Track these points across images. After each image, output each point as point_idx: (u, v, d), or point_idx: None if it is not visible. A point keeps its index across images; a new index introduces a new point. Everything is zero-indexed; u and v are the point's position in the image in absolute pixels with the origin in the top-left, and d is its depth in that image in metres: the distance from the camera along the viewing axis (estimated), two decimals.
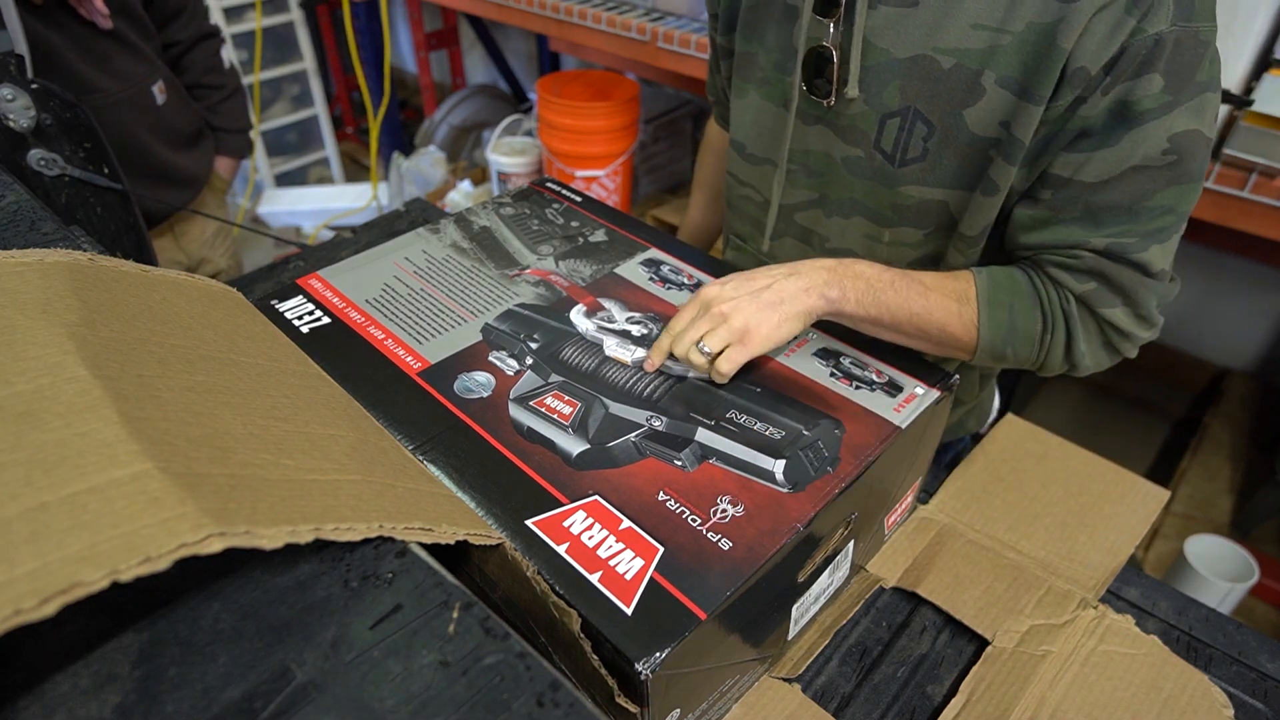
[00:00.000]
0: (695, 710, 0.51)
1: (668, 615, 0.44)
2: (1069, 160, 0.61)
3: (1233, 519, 1.69)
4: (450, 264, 0.75)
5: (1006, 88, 0.60)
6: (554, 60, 2.83)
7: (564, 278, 0.73)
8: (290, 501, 0.33)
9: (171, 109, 1.22)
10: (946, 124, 0.63)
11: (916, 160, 0.66)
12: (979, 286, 0.65)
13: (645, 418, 0.58)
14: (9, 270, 0.41)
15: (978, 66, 0.61)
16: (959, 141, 0.64)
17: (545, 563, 0.47)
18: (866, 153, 0.69)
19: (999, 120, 0.61)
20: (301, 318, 0.67)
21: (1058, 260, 0.65)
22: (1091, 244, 0.62)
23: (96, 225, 1.03)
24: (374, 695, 0.29)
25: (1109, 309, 0.64)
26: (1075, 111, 0.58)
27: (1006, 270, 0.67)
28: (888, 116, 0.66)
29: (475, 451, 0.55)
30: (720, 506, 0.51)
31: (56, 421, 0.31)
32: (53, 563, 0.25)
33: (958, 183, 0.66)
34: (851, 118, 0.68)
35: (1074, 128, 0.59)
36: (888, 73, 0.65)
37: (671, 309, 0.69)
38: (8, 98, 0.92)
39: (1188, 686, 0.60)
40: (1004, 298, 0.65)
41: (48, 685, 0.29)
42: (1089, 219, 0.62)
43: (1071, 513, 0.73)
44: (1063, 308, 0.65)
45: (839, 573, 0.62)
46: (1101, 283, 0.64)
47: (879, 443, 0.56)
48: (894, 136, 0.66)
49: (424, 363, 0.62)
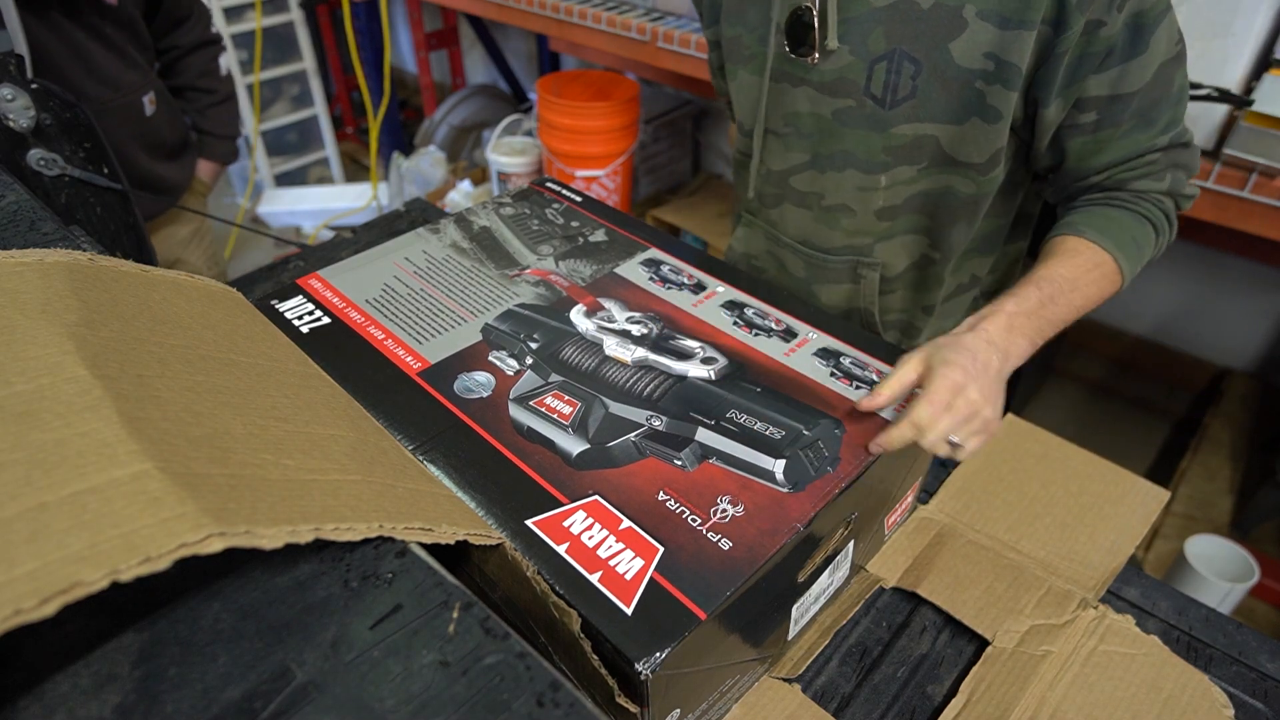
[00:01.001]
0: (695, 710, 0.51)
1: (668, 615, 0.44)
2: (1103, 79, 0.65)
3: (1233, 519, 1.69)
4: (450, 264, 0.75)
5: (987, 20, 0.64)
6: (554, 60, 2.83)
7: (564, 278, 0.73)
8: (290, 501, 0.33)
9: (159, 120, 1.21)
10: (933, 59, 0.68)
11: (907, 99, 0.71)
12: (1105, 246, 0.69)
13: (645, 417, 0.57)
14: (9, 270, 0.41)
15: (957, 3, 0.65)
16: (946, 75, 0.68)
17: (545, 563, 0.47)
18: (857, 100, 0.73)
19: (983, 51, 0.66)
20: (301, 318, 0.67)
21: (1136, 173, 0.70)
22: (1156, 144, 0.69)
23: (96, 225, 1.03)
24: (374, 695, 0.29)
25: (1184, 188, 0.72)
26: (1096, 34, 0.62)
27: (1103, 215, 0.71)
28: (875, 61, 0.70)
29: (475, 451, 0.54)
30: (720, 506, 0.51)
31: (56, 421, 0.31)
32: (53, 563, 0.25)
33: (947, 115, 0.70)
34: (838, 70, 0.72)
35: (1098, 49, 0.63)
36: (870, 21, 0.69)
37: (671, 309, 0.69)
38: (8, 98, 0.92)
39: (1188, 687, 0.60)
40: (1124, 237, 0.70)
41: (48, 685, 0.29)
42: (1142, 122, 0.68)
43: (1072, 513, 0.73)
44: (1160, 209, 0.72)
45: (839, 573, 0.62)
46: (1173, 170, 0.71)
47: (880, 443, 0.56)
48: (883, 80, 0.71)
49: (424, 363, 0.62)
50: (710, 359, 0.63)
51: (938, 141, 0.72)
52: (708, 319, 0.68)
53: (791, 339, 0.66)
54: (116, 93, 1.11)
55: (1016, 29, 0.64)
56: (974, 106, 0.69)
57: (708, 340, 0.65)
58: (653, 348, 0.64)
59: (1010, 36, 0.64)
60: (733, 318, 0.68)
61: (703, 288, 0.72)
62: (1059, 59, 0.64)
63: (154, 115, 1.20)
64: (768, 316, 0.68)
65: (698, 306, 0.69)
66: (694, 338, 0.65)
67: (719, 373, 0.62)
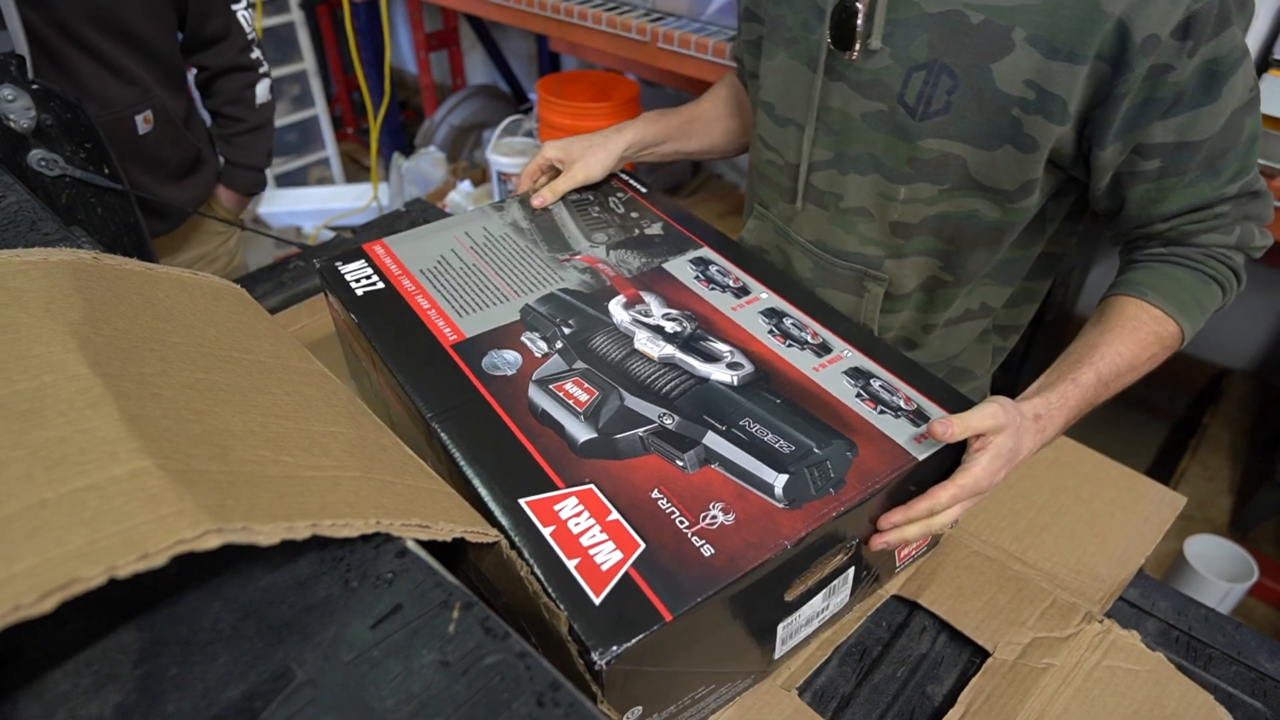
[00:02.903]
0: (662, 712, 0.50)
1: (634, 611, 0.44)
2: (1170, 126, 0.62)
3: (1232, 519, 1.69)
4: (506, 242, 0.76)
5: (1036, 46, 0.62)
6: (554, 60, 2.83)
7: (611, 267, 0.73)
8: (288, 498, 0.33)
9: (156, 139, 1.16)
10: (972, 76, 0.65)
11: (939, 113, 0.68)
12: (1168, 311, 0.66)
13: (658, 414, 0.57)
14: (14, 269, 0.41)
15: (1007, 22, 0.62)
16: (983, 95, 0.65)
17: (529, 542, 0.47)
18: (889, 106, 0.70)
19: (1025, 78, 0.63)
20: (359, 280, 0.70)
21: (1203, 225, 0.67)
22: (1225, 194, 0.65)
23: (97, 226, 1.03)
24: (374, 695, 0.29)
25: (1254, 240, 0.69)
26: (1163, 79, 0.60)
27: (1168, 275, 0.68)
28: (914, 69, 0.67)
29: (488, 427, 0.55)
30: (711, 512, 0.50)
31: (58, 419, 0.31)
32: (52, 559, 0.25)
33: (977, 138, 0.67)
34: (875, 72, 0.70)
35: (1165, 95, 0.61)
36: (918, 26, 0.66)
37: (710, 309, 0.68)
38: (8, 98, 0.92)
39: (1191, 705, 0.58)
40: (1187, 299, 0.67)
41: (49, 684, 0.29)
42: (1209, 172, 0.64)
43: (1082, 520, 0.72)
44: (1228, 265, 0.69)
45: (836, 597, 0.60)
46: (1243, 224, 0.67)
47: (890, 471, 0.54)
48: (918, 90, 0.68)
49: (460, 335, 0.64)
50: (736, 364, 0.62)
51: (964, 164, 0.69)
52: (744, 324, 0.67)
53: (825, 354, 0.64)
54: (104, 109, 1.07)
55: (1066, 61, 0.61)
56: (1008, 134, 0.66)
57: (739, 345, 0.64)
58: (682, 346, 0.63)
59: (1058, 68, 0.61)
60: (769, 326, 0.67)
61: (746, 292, 0.71)
62: (1117, 101, 0.61)
63: (150, 134, 1.14)
64: (805, 329, 0.67)
65: (737, 311, 0.68)
66: (725, 341, 0.64)
67: (742, 379, 0.61)
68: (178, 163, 1.22)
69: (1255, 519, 1.67)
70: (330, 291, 0.71)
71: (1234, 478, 1.76)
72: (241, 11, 1.24)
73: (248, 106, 1.31)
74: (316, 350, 0.53)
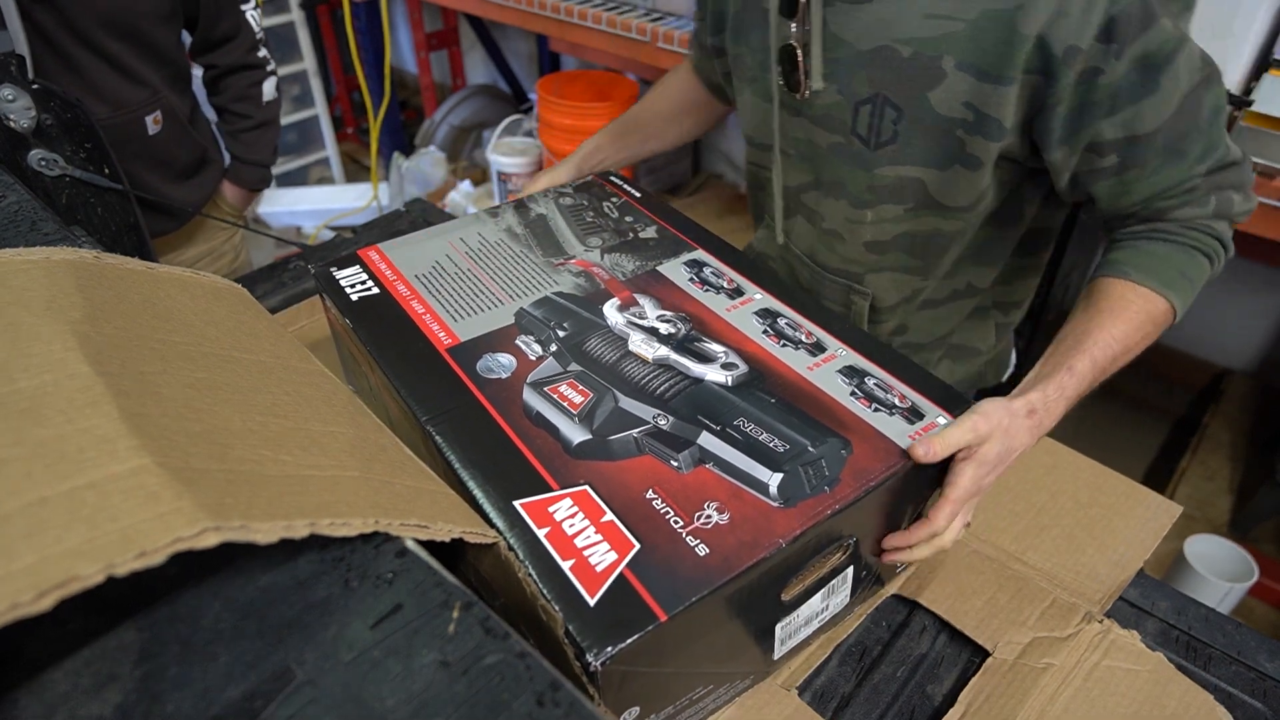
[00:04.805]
0: (659, 713, 0.50)
1: (629, 611, 0.44)
2: (1116, 122, 0.63)
3: (1232, 519, 1.69)
4: (501, 248, 0.77)
5: (965, 71, 0.64)
6: (554, 60, 2.83)
7: (605, 270, 0.73)
8: (287, 496, 0.33)
9: (166, 139, 1.17)
10: (912, 106, 0.68)
11: (889, 142, 0.71)
12: (1154, 288, 0.66)
13: (652, 415, 0.57)
14: (15, 268, 0.41)
15: (935, 53, 0.65)
16: (925, 122, 0.68)
17: (524, 544, 0.47)
18: (845, 138, 0.74)
19: (962, 101, 0.65)
20: (354, 286, 0.70)
21: (1176, 202, 0.67)
22: (1194, 173, 0.66)
23: (97, 225, 1.03)
24: (374, 695, 0.29)
25: (1234, 207, 0.69)
26: (1095, 82, 0.61)
27: (1149, 252, 0.68)
28: (860, 104, 0.71)
29: (482, 429, 0.55)
30: (706, 512, 0.50)
31: (58, 417, 0.31)
32: (50, 557, 0.25)
33: (929, 161, 0.70)
34: (827, 107, 0.73)
35: (1101, 97, 0.62)
36: (855, 64, 0.69)
37: (704, 311, 0.68)
38: (9, 98, 0.92)
39: (1191, 705, 0.58)
40: (1172, 273, 0.67)
41: (49, 684, 0.29)
42: (1174, 156, 0.65)
43: (1080, 524, 0.72)
44: (1210, 234, 0.69)
45: (836, 597, 0.60)
46: (1217, 193, 0.68)
47: (885, 469, 0.54)
48: (867, 122, 0.71)
49: (455, 339, 0.64)
50: (730, 365, 0.62)
51: (923, 184, 0.72)
52: (738, 325, 0.67)
53: (819, 353, 0.64)
54: (116, 111, 1.07)
55: (994, 84, 0.63)
56: (956, 154, 0.69)
57: (733, 346, 0.64)
58: (676, 348, 0.63)
59: (988, 90, 0.64)
60: (763, 326, 0.67)
61: (741, 293, 0.71)
62: (1051, 109, 0.63)
63: (159, 134, 1.15)
64: (799, 328, 0.66)
65: (731, 311, 0.68)
66: (720, 342, 0.64)
67: (736, 379, 0.61)
68: (185, 162, 1.23)
69: (1255, 519, 1.67)
70: (325, 296, 0.71)
71: (1234, 478, 1.76)
72: (250, 11, 1.25)
73: (255, 104, 1.32)
74: (316, 350, 0.53)
